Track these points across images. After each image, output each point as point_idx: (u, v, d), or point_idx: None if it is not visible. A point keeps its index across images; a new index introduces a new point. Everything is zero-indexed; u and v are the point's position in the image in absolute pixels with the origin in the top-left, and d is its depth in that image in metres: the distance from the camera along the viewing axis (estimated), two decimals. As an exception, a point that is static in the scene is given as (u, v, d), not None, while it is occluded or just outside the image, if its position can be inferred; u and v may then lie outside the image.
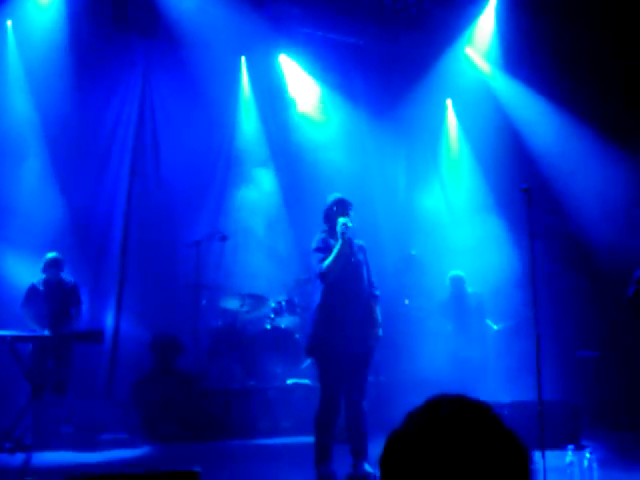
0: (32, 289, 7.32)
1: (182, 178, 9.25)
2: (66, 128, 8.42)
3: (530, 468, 1.14)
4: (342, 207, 5.23)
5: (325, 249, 5.13)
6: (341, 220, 5.07)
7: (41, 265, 7.37)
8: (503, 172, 9.43)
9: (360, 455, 5.03)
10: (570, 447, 4.45)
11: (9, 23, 8.46)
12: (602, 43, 8.60)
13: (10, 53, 8.52)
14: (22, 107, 8.43)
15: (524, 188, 5.16)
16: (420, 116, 10.12)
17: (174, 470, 3.32)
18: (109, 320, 8.64)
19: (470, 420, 1.13)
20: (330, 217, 5.24)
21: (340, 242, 5.03)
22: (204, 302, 8.49)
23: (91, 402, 7.34)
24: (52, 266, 7.36)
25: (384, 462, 1.16)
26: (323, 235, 5.25)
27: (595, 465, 4.31)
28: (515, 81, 9.88)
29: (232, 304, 8.47)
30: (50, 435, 6.62)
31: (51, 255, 7.42)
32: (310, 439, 5.13)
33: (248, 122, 10.19)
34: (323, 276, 5.07)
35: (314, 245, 5.20)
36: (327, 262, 5.04)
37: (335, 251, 5.03)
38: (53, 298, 7.33)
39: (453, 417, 1.13)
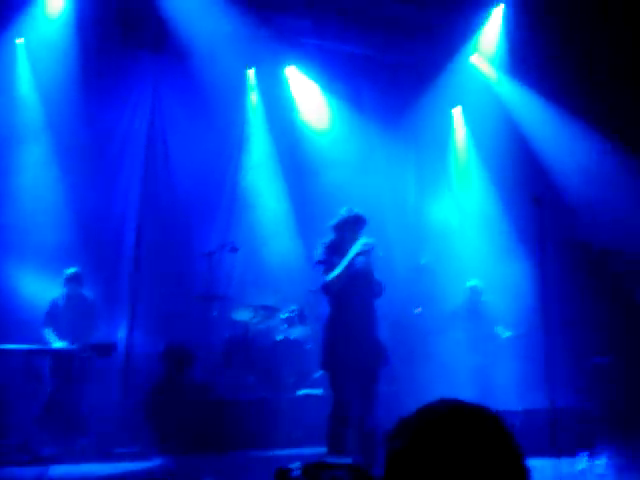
0: (53, 305, 7.42)
1: (193, 190, 9.33)
2: (77, 141, 8.52)
3: (526, 473, 1.15)
4: (359, 223, 5.20)
5: (327, 262, 5.10)
6: (364, 242, 5.06)
7: (62, 280, 7.47)
8: (512, 180, 9.43)
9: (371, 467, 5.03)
10: (584, 454, 4.44)
11: (21, 40, 8.58)
12: (612, 49, 8.58)
13: (21, 68, 8.65)
14: (34, 121, 8.54)
15: (536, 198, 5.16)
16: (428, 125, 10.16)
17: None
18: (121, 331, 8.69)
19: (463, 424, 1.14)
20: (342, 229, 5.20)
21: (349, 258, 5.02)
22: (215, 313, 8.52)
23: (105, 414, 7.37)
24: (73, 281, 7.47)
25: (390, 456, 1.17)
26: (325, 248, 5.20)
27: (609, 471, 4.29)
28: (523, 88, 9.89)
29: (243, 315, 8.50)
30: (66, 448, 6.66)
31: (71, 270, 7.53)
32: (322, 449, 5.13)
33: (257, 134, 10.26)
34: (326, 289, 5.07)
35: (316, 258, 5.17)
36: (331, 276, 5.02)
37: (341, 267, 5.01)
38: (74, 313, 7.42)
39: (446, 422, 1.14)
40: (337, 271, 5.02)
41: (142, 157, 9.29)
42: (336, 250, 5.17)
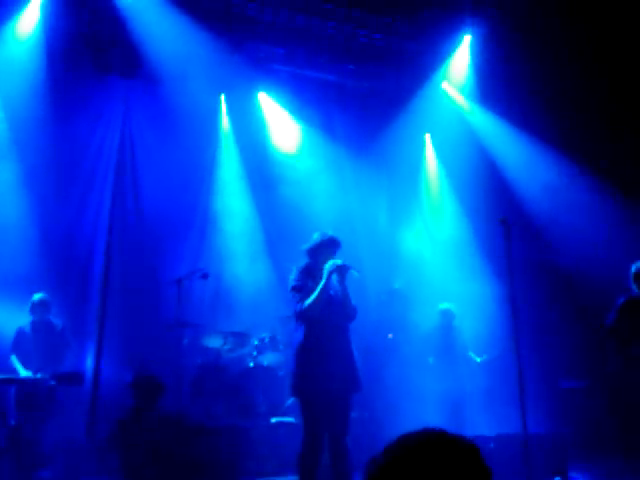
0: (20, 332, 7.25)
1: (163, 214, 9.25)
2: (45, 165, 8.40)
3: None
4: (333, 246, 5.16)
5: (302, 288, 5.04)
6: (333, 262, 5.02)
7: (28, 306, 7.29)
8: (483, 205, 9.53)
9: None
10: (557, 479, 4.42)
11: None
12: (578, 77, 8.79)
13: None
14: (1, 142, 8.41)
15: (502, 219, 5.21)
16: (399, 151, 10.25)
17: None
18: (89, 359, 8.53)
19: (440, 455, 1.12)
20: (316, 253, 5.16)
21: (324, 282, 4.98)
22: (186, 341, 8.39)
23: (71, 445, 7.18)
24: (40, 307, 7.29)
25: None
26: (299, 273, 5.14)
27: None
28: (492, 115, 10.05)
29: (214, 342, 8.39)
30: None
31: (38, 296, 7.34)
32: (294, 479, 5.05)
33: (228, 159, 10.26)
34: (302, 316, 5.01)
35: (291, 284, 5.10)
36: (308, 302, 4.96)
37: (317, 292, 4.96)
38: (41, 340, 7.25)
39: (424, 452, 1.12)
40: (312, 297, 4.96)
41: (111, 181, 9.20)
42: (310, 274, 5.12)
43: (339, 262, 5.02)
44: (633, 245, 8.04)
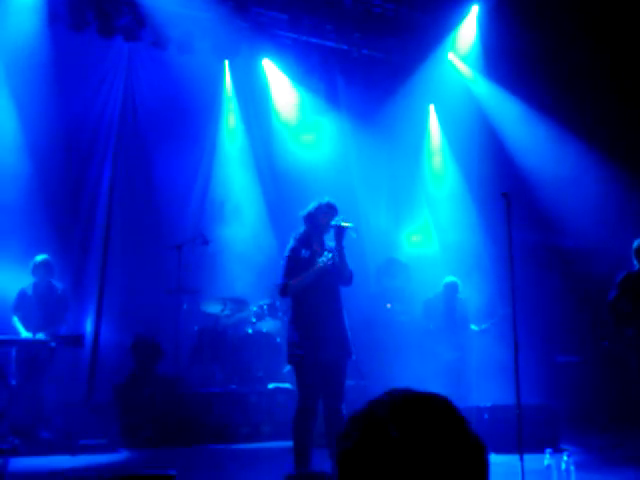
0: (21, 294, 7.27)
1: (165, 180, 9.25)
2: (47, 128, 8.35)
3: (486, 465, 1.12)
4: (330, 213, 5.07)
5: (293, 260, 5.00)
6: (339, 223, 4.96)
7: (30, 268, 7.28)
8: (485, 178, 9.50)
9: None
10: (548, 450, 4.48)
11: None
12: (584, 49, 8.69)
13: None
14: (3, 109, 8.36)
15: (504, 193, 5.21)
16: (403, 121, 10.18)
17: (150, 474, 3.30)
18: (89, 322, 8.59)
19: (413, 416, 1.11)
20: (313, 219, 5.09)
21: (315, 271, 4.92)
22: (185, 306, 8.45)
23: (70, 407, 7.27)
24: (42, 269, 7.27)
25: (340, 456, 1.14)
26: (295, 243, 5.09)
27: (573, 468, 4.34)
28: (497, 86, 9.95)
29: (213, 308, 8.45)
30: (29, 440, 6.56)
31: (41, 258, 7.32)
32: (290, 443, 5.11)
33: (231, 125, 10.20)
34: (282, 291, 5.00)
35: (285, 253, 5.07)
36: (294, 283, 4.93)
37: (306, 279, 4.93)
38: (43, 303, 7.26)
39: (395, 415, 1.11)
40: (300, 281, 4.94)
41: (113, 145, 9.16)
42: (307, 242, 5.11)
43: (339, 221, 4.99)
44: (636, 221, 8.03)
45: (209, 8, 8.70)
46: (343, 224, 4.98)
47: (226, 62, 10.06)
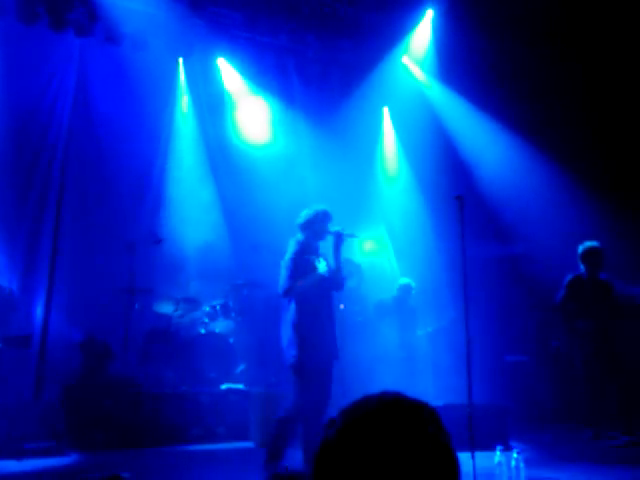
0: None
1: (118, 177, 9.08)
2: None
3: (458, 471, 1.15)
4: (325, 219, 5.21)
5: (297, 264, 5.06)
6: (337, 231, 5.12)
7: None
8: (438, 181, 9.64)
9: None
10: (499, 448, 4.58)
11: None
12: (539, 55, 8.90)
13: None
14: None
15: (457, 196, 5.30)
16: (358, 123, 10.24)
17: (101, 476, 3.22)
18: (37, 317, 8.37)
19: (399, 416, 1.14)
20: (312, 226, 5.20)
21: (319, 274, 5.05)
22: (137, 306, 8.33)
23: (16, 408, 7.08)
24: None
25: (316, 462, 1.16)
26: (298, 247, 5.16)
27: (522, 465, 4.45)
28: (451, 91, 10.11)
29: (166, 308, 8.36)
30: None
31: None
32: (243, 444, 5.10)
33: (185, 124, 10.11)
34: (286, 292, 5.04)
35: (288, 256, 5.10)
36: (300, 285, 5.01)
37: (310, 281, 5.02)
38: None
39: (381, 413, 1.14)
40: (305, 283, 5.02)
41: (63, 142, 8.96)
42: (307, 248, 5.18)
43: (338, 229, 5.10)
44: (579, 226, 8.26)
45: (164, 5, 8.60)
46: (342, 231, 5.10)
47: (180, 60, 9.96)
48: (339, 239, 5.15)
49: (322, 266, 5.11)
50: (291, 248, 5.17)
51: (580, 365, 7.05)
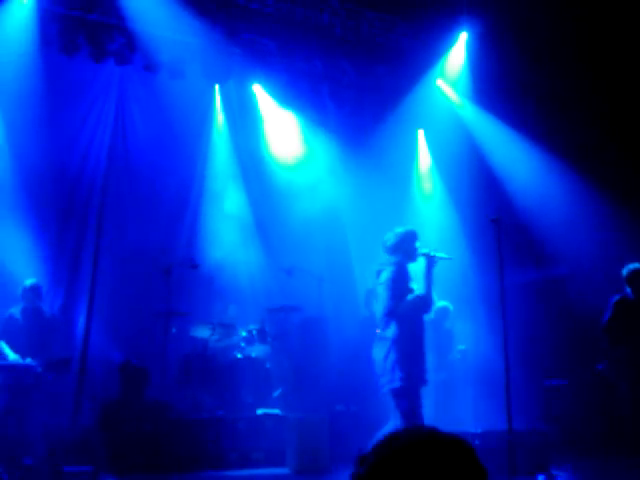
0: (9, 318, 7.20)
1: (156, 203, 9.21)
2: (37, 153, 8.32)
3: None
4: (414, 239, 5.28)
5: (400, 286, 5.10)
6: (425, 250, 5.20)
7: (20, 292, 7.26)
8: (474, 202, 9.56)
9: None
10: (541, 477, 4.46)
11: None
12: (571, 76, 8.83)
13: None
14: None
15: (494, 219, 5.25)
16: (392, 146, 10.24)
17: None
18: (77, 339, 8.48)
19: (432, 455, 1.10)
20: (401, 247, 5.23)
21: (428, 282, 5.11)
22: (174, 330, 8.38)
23: (55, 432, 7.15)
24: (31, 293, 7.27)
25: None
26: (396, 267, 5.18)
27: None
28: (485, 113, 10.06)
29: (202, 332, 8.38)
30: (11, 468, 6.43)
31: (30, 282, 7.34)
32: (279, 470, 5.04)
33: (221, 150, 10.23)
34: (391, 313, 5.07)
35: (394, 277, 5.12)
36: (404, 307, 5.06)
37: (415, 300, 5.09)
38: (31, 327, 7.21)
39: (414, 451, 1.10)
40: (417, 302, 5.10)
41: (102, 170, 9.14)
42: (403, 270, 5.21)
43: (427, 251, 5.17)
44: (622, 246, 8.09)
45: (200, 34, 8.75)
46: (435, 254, 5.10)
47: (216, 87, 10.11)
48: (431, 261, 5.12)
49: (418, 288, 5.13)
50: (390, 272, 5.16)
51: (626, 389, 6.86)
